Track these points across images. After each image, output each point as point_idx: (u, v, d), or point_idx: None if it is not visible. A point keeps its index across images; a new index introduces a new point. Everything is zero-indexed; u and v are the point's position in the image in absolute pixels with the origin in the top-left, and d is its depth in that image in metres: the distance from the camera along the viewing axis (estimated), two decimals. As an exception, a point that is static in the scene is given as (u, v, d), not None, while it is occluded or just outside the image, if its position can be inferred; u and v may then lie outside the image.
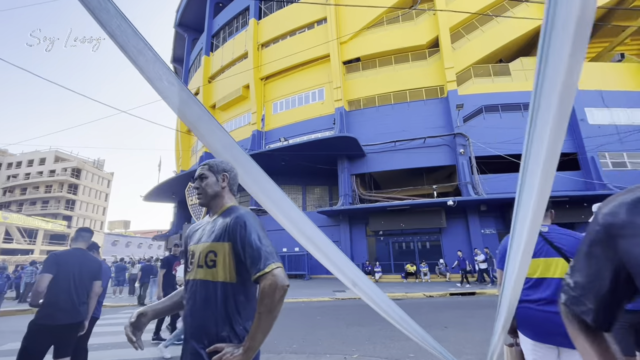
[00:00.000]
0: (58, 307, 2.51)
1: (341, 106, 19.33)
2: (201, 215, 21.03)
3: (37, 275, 2.66)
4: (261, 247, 1.14)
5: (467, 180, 16.09)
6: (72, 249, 2.78)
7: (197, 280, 1.21)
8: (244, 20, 26.62)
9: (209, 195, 1.36)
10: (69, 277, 2.60)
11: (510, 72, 18.48)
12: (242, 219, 1.22)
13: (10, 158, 51.24)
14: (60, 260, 2.59)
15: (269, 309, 1.04)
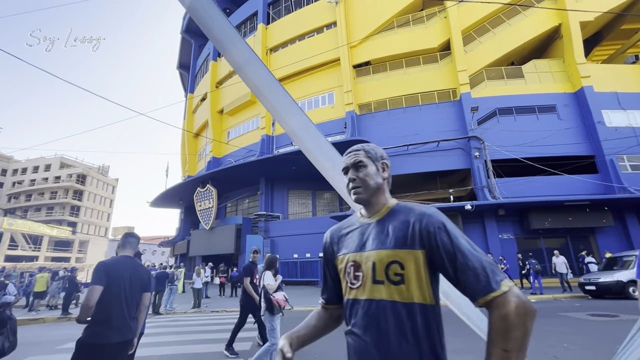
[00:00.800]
0: (110, 324, 2.23)
1: (352, 110, 19.14)
2: (210, 221, 20.78)
3: (86, 288, 2.36)
4: (481, 258, 0.85)
5: (483, 184, 15.76)
6: (121, 257, 2.50)
7: (376, 301, 0.91)
8: (251, 25, 26.64)
9: (372, 188, 1.04)
10: (120, 289, 2.32)
11: (523, 75, 18.25)
12: (437, 219, 0.92)
13: (15, 164, 51.34)
14: (111, 270, 2.32)
15: (521, 344, 0.73)
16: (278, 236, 19.53)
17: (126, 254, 2.55)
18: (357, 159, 1.07)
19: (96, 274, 2.26)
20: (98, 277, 2.25)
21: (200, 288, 10.30)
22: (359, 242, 1.01)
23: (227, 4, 30.35)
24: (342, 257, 1.04)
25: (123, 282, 2.34)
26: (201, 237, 21.99)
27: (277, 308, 4.08)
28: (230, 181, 21.99)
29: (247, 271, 4.95)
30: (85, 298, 2.19)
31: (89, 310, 2.17)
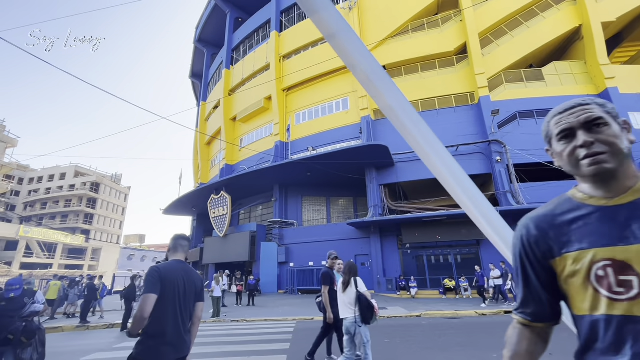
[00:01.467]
0: (164, 339, 1.96)
1: (367, 115, 18.91)
2: (224, 228, 20.60)
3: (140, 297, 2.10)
4: None
5: (505, 189, 15.24)
6: (173, 261, 2.24)
7: None
8: (264, 33, 26.84)
9: (623, 154, 0.73)
10: (175, 299, 2.06)
11: (543, 77, 17.80)
12: None
13: (32, 173, 52.40)
14: (165, 276, 2.05)
15: None
16: (293, 243, 19.20)
17: (178, 258, 2.29)
18: (591, 114, 0.77)
19: (150, 281, 2.00)
20: (152, 283, 1.99)
21: (220, 297, 10.01)
22: (611, 231, 0.70)
23: (240, 13, 30.76)
24: (576, 255, 0.73)
25: (177, 290, 2.08)
26: (215, 245, 21.80)
27: (375, 317, 3.76)
28: (244, 188, 21.85)
29: (326, 278, 4.49)
30: (139, 308, 1.93)
31: (142, 322, 1.91)
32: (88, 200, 49.04)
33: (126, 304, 8.57)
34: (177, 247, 2.33)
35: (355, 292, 3.87)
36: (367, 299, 3.82)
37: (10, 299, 3.79)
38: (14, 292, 3.83)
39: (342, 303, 3.99)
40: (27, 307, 3.85)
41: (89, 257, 47.66)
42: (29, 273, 27.56)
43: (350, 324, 3.84)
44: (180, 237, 2.37)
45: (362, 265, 17.20)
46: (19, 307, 3.80)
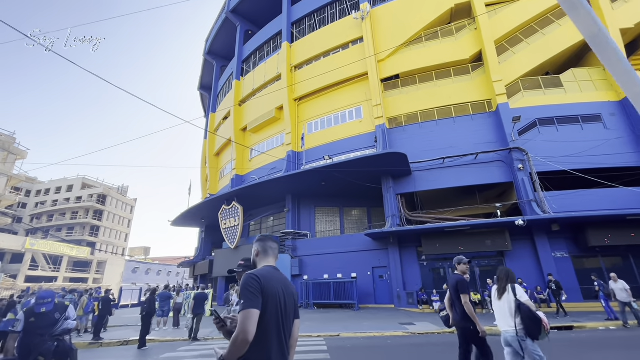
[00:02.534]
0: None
1: (382, 123, 18.63)
2: (236, 239, 20.13)
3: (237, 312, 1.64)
4: None
5: (529, 198, 14.71)
6: (268, 268, 1.83)
7: None
8: (275, 44, 27.00)
9: None
10: (278, 315, 1.64)
11: (562, 84, 17.51)
12: None
13: (39, 185, 52.49)
14: (266, 287, 1.64)
15: None
16: (306, 255, 18.65)
17: (270, 264, 1.88)
18: None
19: (250, 292, 1.59)
20: (253, 296, 1.57)
21: (240, 311, 9.45)
22: None
23: (250, 25, 31.12)
24: None
25: (279, 304, 1.66)
26: (225, 257, 21.26)
27: (544, 332, 3.32)
28: (255, 199, 21.47)
29: (464, 286, 3.94)
30: (241, 329, 1.50)
31: (245, 346, 1.49)
32: (94, 213, 48.85)
33: (145, 320, 8.05)
34: (268, 250, 1.93)
35: (514, 300, 3.47)
36: (530, 309, 3.38)
37: (41, 314, 3.36)
38: (45, 306, 3.41)
39: (498, 312, 3.62)
40: (59, 323, 3.42)
41: (94, 270, 47.07)
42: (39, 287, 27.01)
43: (511, 337, 3.44)
44: (269, 239, 1.98)
45: (380, 278, 16.58)
46: (51, 324, 3.38)
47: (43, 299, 3.44)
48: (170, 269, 63.54)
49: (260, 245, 1.96)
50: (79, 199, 49.48)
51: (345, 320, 11.98)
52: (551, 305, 13.10)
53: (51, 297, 3.50)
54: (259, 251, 1.94)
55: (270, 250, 1.94)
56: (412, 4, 20.50)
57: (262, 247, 1.94)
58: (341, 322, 11.35)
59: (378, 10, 21.32)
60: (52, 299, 3.49)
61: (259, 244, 1.97)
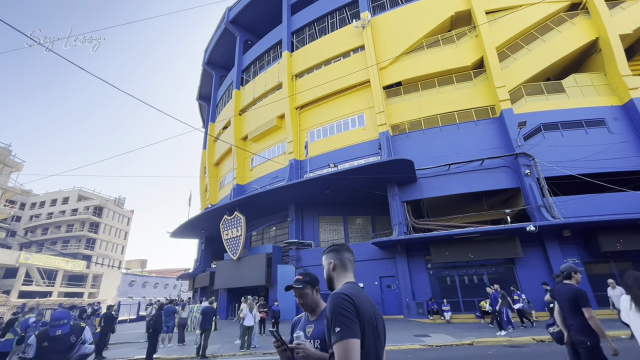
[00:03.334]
0: None
1: (386, 131, 18.51)
2: (238, 250, 19.68)
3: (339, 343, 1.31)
4: None
5: (538, 203, 14.53)
6: (351, 284, 1.55)
7: None
8: (275, 53, 27.05)
9: None
10: (375, 343, 1.36)
11: (564, 89, 17.57)
12: None
13: (34, 198, 51.60)
14: (361, 309, 1.37)
15: None
16: (311, 265, 18.21)
17: (351, 280, 1.61)
18: None
19: (346, 316, 1.31)
20: (350, 321, 1.30)
21: (252, 326, 9.03)
22: None
23: (249, 36, 31.25)
24: None
25: (375, 330, 1.39)
26: (227, 269, 20.75)
27: None
28: (257, 208, 21.10)
29: (585, 298, 3.50)
30: None
31: None
32: (90, 225, 47.99)
33: (152, 337, 7.62)
34: (346, 262, 1.66)
35: None
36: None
37: (56, 337, 3.02)
38: (60, 328, 3.06)
39: (637, 327, 3.08)
40: (75, 348, 3.07)
41: (89, 284, 45.99)
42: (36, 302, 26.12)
43: None
44: (344, 248, 1.71)
45: (387, 288, 16.19)
46: (66, 349, 3.03)
47: (58, 320, 3.09)
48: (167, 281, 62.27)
49: (335, 256, 1.68)
50: (74, 211, 48.64)
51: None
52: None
53: (67, 318, 3.15)
54: (335, 264, 1.66)
55: (348, 262, 1.67)
56: (412, 13, 20.68)
57: (339, 259, 1.67)
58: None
59: (378, 19, 21.47)
60: (68, 320, 3.15)
61: (334, 255, 1.69)
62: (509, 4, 19.22)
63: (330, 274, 1.67)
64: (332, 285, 1.66)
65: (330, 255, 1.70)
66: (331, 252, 1.71)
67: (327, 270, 1.69)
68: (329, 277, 1.68)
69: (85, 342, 3.22)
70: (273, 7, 28.27)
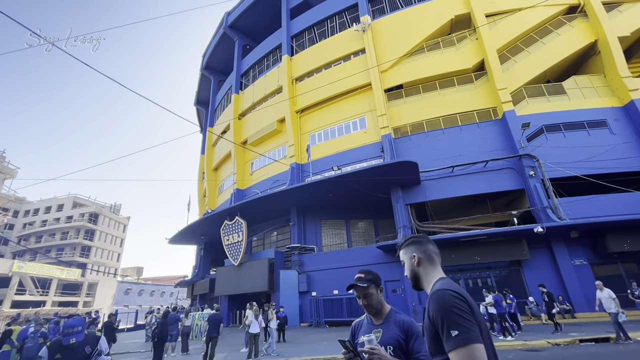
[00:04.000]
0: None
1: (388, 133, 18.42)
2: (239, 256, 19.34)
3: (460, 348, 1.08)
4: None
5: (543, 205, 14.44)
6: (447, 281, 1.35)
7: None
8: (274, 57, 27.00)
9: None
10: (491, 347, 1.16)
11: (565, 91, 17.64)
12: None
13: (27, 205, 50.70)
14: (474, 306, 1.17)
15: None
16: (314, 270, 17.93)
17: (441, 276, 1.40)
18: None
19: (463, 317, 1.11)
20: (469, 323, 1.10)
21: (257, 333, 8.73)
22: None
23: (248, 40, 31.23)
24: None
25: (487, 334, 1.18)
26: (228, 275, 20.35)
27: None
28: (257, 213, 20.81)
29: None
30: None
31: None
32: (86, 232, 47.19)
33: (157, 346, 7.30)
34: (433, 255, 1.46)
35: None
36: None
37: (69, 348, 2.75)
38: (75, 336, 2.79)
39: None
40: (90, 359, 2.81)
41: (84, 292, 45.04)
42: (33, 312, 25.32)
43: None
44: (426, 240, 1.50)
45: (393, 292, 15.93)
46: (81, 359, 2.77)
47: (72, 327, 2.81)
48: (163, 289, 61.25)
49: (418, 249, 1.47)
50: (69, 218, 47.85)
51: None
52: (575, 316, 12.65)
53: (81, 326, 2.88)
54: (421, 258, 1.45)
55: (435, 255, 1.46)
56: (412, 17, 20.76)
57: (424, 252, 1.46)
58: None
59: (379, 22, 21.52)
60: (82, 328, 2.88)
61: (416, 247, 1.48)
62: (508, 8, 19.38)
63: (416, 270, 1.46)
64: (420, 283, 1.45)
65: (411, 249, 1.50)
66: (412, 244, 1.51)
67: (411, 266, 1.48)
68: (414, 274, 1.47)
69: (101, 354, 2.96)
70: (271, 12, 28.31)
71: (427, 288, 1.39)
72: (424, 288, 1.43)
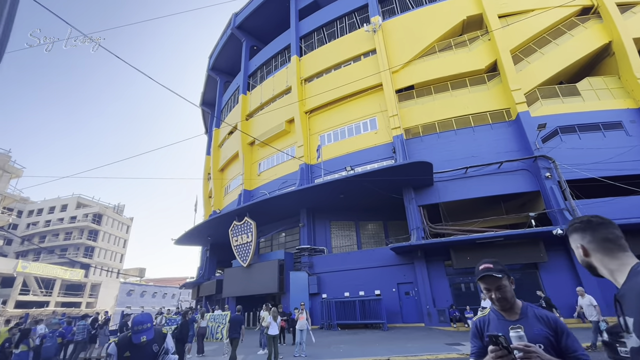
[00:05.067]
0: None
1: (400, 134, 18.25)
2: (248, 256, 19.13)
3: None
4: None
5: (560, 207, 14.22)
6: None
7: None
8: (282, 58, 26.94)
9: None
10: None
11: (579, 92, 17.46)
12: None
13: (31, 205, 50.61)
14: None
15: None
16: (324, 272, 17.71)
17: (637, 261, 1.21)
18: None
19: None
20: None
21: (277, 335, 8.52)
22: None
23: (255, 41, 31.21)
24: None
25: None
26: (236, 276, 20.13)
27: None
28: (265, 214, 20.61)
29: None
30: None
31: None
32: (89, 233, 47.05)
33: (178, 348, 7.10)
34: (606, 242, 1.25)
35: None
36: None
37: (140, 346, 2.56)
38: (145, 333, 2.60)
39: None
40: (159, 359, 2.63)
41: (87, 293, 44.81)
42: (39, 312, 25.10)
43: None
44: (594, 224, 1.31)
45: (406, 295, 15.69)
46: (150, 359, 2.59)
47: (142, 323, 2.61)
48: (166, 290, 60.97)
49: (584, 238, 1.26)
50: (73, 218, 47.71)
51: (381, 341, 11.04)
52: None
53: (150, 322, 2.69)
54: (587, 249, 1.24)
55: (609, 242, 1.24)
56: (424, 17, 20.67)
57: (593, 242, 1.24)
58: (380, 344, 10.42)
59: (389, 23, 21.43)
60: (151, 324, 2.69)
61: (581, 235, 1.26)
62: (521, 9, 19.26)
63: (587, 261, 1.26)
64: (599, 272, 1.26)
65: (575, 238, 1.30)
66: (574, 232, 1.31)
67: (579, 257, 1.29)
68: (587, 265, 1.27)
69: (168, 352, 2.76)
70: (279, 13, 28.28)
71: (613, 278, 1.19)
72: (606, 277, 1.24)
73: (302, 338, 9.16)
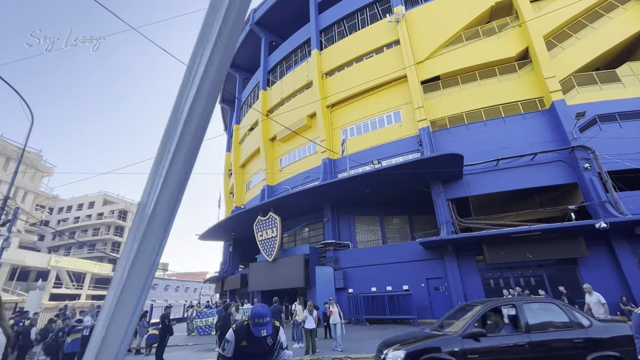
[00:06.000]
0: None
1: (427, 126, 17.81)
2: (274, 251, 19.25)
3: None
4: None
5: (602, 199, 13.52)
6: None
7: None
8: (302, 53, 26.77)
9: None
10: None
11: (619, 79, 16.50)
12: None
13: (61, 203, 52.84)
14: None
15: None
16: (349, 267, 17.60)
17: None
18: None
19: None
20: None
21: (314, 329, 8.50)
22: None
23: (274, 37, 31.14)
24: None
25: None
26: (261, 270, 20.32)
27: None
28: (288, 209, 20.62)
29: None
30: None
31: None
32: (116, 229, 48.73)
33: (221, 339, 7.16)
34: None
35: None
36: None
37: (261, 339, 2.51)
38: (265, 328, 2.54)
39: None
40: (274, 354, 2.57)
41: (115, 287, 46.50)
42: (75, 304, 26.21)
43: None
44: None
45: (435, 290, 15.38)
46: (263, 352, 2.54)
47: (262, 316, 2.50)
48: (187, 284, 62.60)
49: None
50: (100, 215, 49.52)
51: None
52: None
53: (269, 315, 2.59)
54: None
55: None
56: (449, 5, 19.99)
57: None
58: (415, 340, 10.20)
59: (413, 12, 20.86)
60: (270, 318, 2.61)
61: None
62: (554, -8, 18.30)
63: None
64: None
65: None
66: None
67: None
68: None
69: (282, 347, 2.69)
70: (298, 7, 28.05)
71: None
72: None
73: (337, 332, 9.10)
